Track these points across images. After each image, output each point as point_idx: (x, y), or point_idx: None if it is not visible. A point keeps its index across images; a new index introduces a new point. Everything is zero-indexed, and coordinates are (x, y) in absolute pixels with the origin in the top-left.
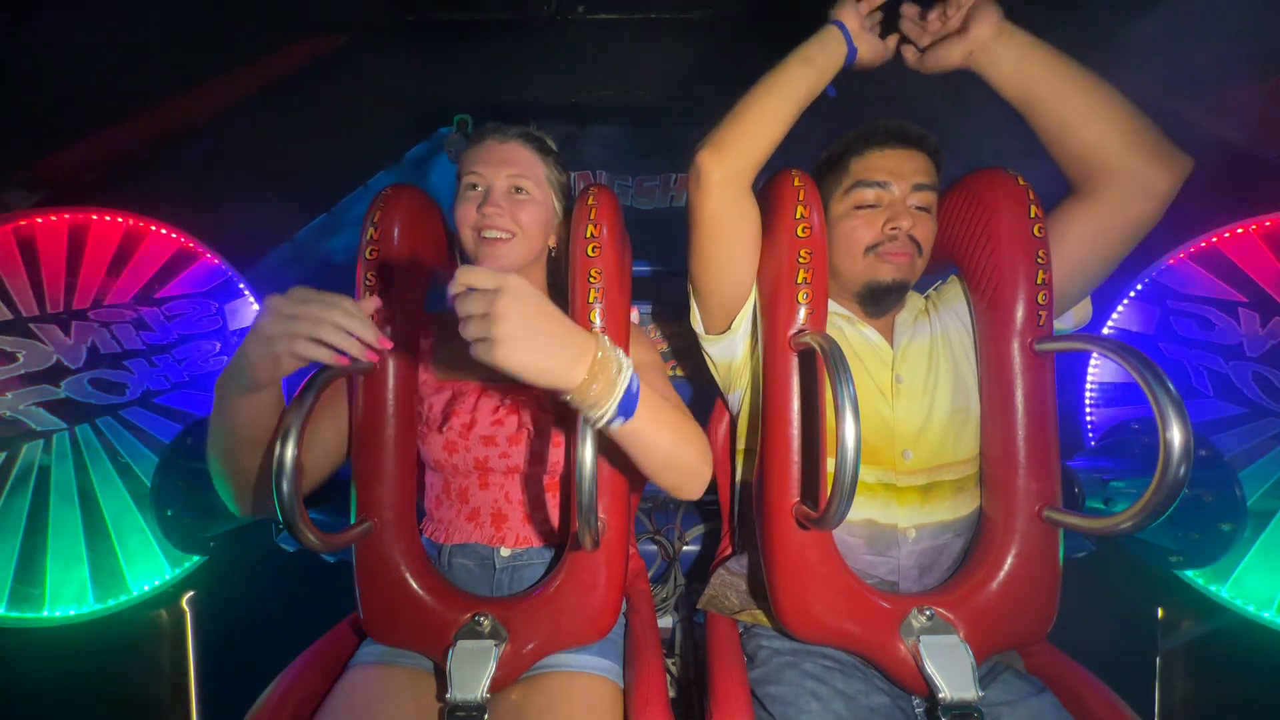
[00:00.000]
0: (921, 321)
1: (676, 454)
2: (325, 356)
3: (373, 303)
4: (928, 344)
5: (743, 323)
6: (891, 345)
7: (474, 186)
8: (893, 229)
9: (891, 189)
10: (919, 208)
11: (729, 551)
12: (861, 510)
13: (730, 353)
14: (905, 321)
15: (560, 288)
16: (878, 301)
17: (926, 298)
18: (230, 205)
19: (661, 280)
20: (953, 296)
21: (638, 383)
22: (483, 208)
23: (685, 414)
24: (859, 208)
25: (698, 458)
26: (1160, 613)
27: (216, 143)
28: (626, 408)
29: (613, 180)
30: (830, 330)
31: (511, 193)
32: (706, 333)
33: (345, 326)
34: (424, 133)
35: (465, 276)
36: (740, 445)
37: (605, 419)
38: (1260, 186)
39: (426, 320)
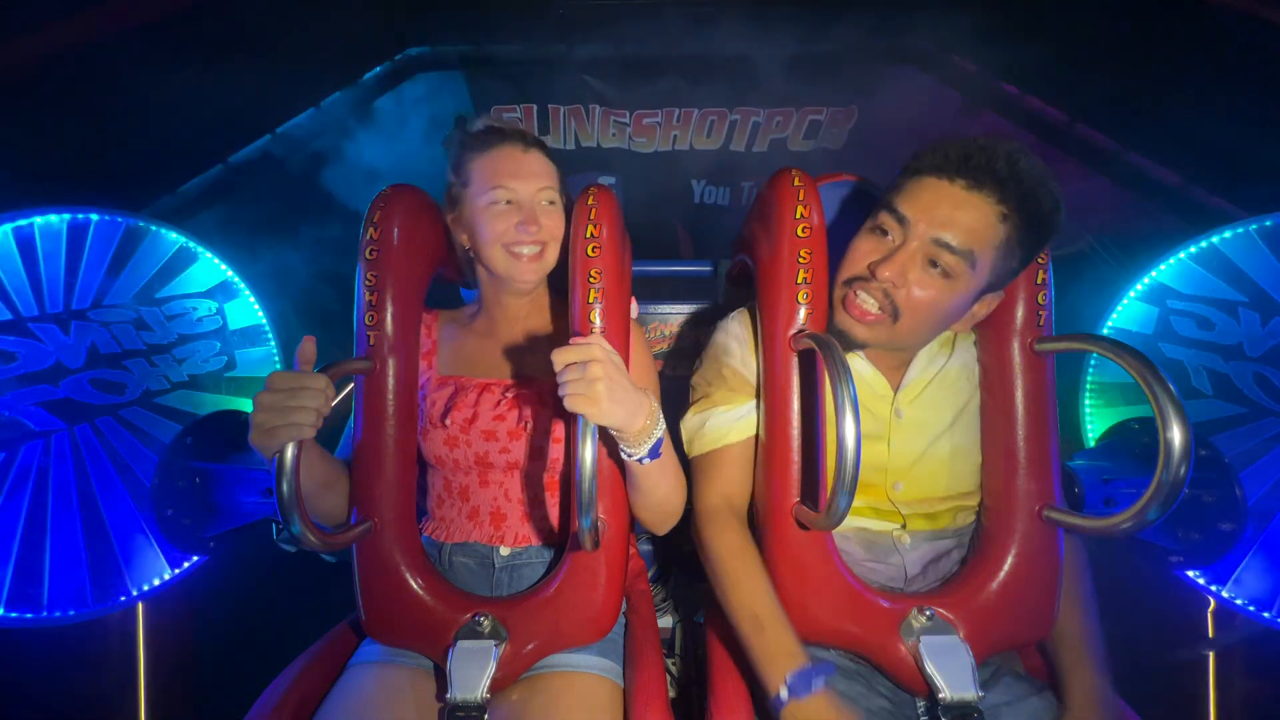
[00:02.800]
0: (938, 358)
1: (672, 498)
2: (308, 434)
3: (310, 346)
4: (936, 379)
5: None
6: (901, 380)
7: (506, 201)
8: (870, 268)
9: (914, 228)
10: (933, 263)
11: None
12: (853, 521)
13: None
14: (922, 356)
15: (560, 287)
16: (845, 346)
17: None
18: (156, 119)
19: (661, 280)
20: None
21: (664, 430)
22: (523, 225)
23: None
24: (872, 229)
25: (679, 504)
26: (1212, 605)
27: (141, 50)
28: (654, 451)
29: (607, 116)
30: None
31: (545, 205)
32: None
33: (316, 410)
34: (384, 54)
35: (562, 356)
36: None
37: (638, 456)
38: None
39: (428, 318)
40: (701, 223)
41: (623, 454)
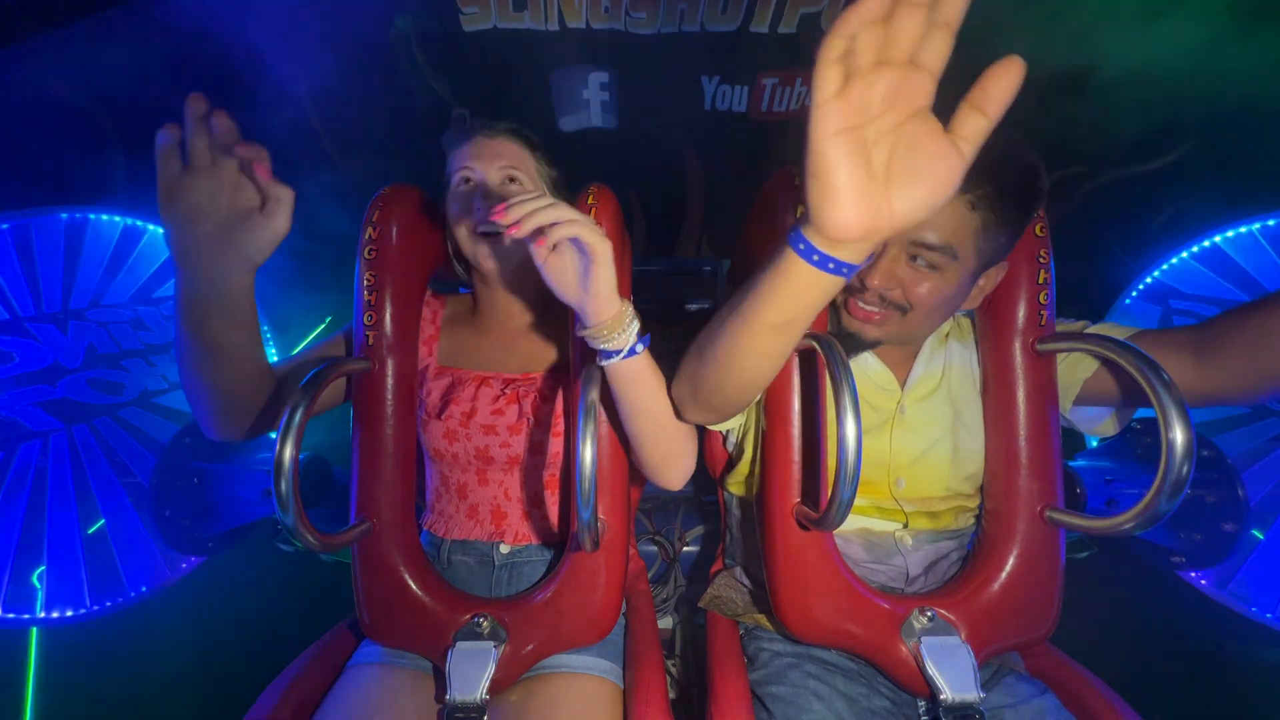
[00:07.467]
0: (938, 354)
1: (657, 407)
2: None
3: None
4: (940, 382)
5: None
6: (907, 375)
7: (466, 181)
8: (860, 279)
9: None
10: (916, 258)
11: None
12: (855, 521)
13: None
14: (925, 349)
15: None
16: (850, 349)
17: (955, 320)
18: None
19: (661, 280)
20: (967, 329)
21: (638, 328)
22: (479, 202)
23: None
24: None
25: (672, 421)
26: None
27: None
28: (631, 350)
29: None
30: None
31: (506, 183)
32: None
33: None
34: None
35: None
36: None
37: (611, 350)
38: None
39: (435, 302)
40: (713, 140)
41: (600, 359)
